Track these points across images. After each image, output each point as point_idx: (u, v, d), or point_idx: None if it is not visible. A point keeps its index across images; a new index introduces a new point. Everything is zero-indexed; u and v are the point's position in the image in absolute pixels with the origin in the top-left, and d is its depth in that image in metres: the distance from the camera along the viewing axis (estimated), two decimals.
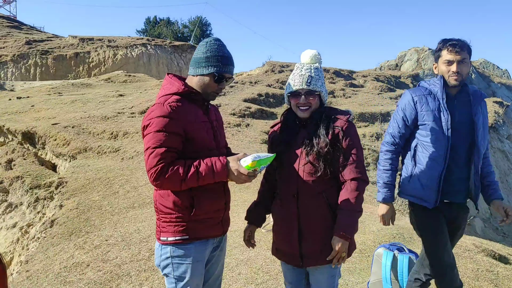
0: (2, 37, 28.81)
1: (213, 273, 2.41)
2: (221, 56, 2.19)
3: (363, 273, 3.98)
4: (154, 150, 2.07)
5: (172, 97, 2.18)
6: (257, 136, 10.56)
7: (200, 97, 2.25)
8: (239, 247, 4.53)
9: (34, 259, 4.76)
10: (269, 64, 21.32)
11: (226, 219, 2.40)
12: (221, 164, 2.10)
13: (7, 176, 8.80)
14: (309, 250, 2.29)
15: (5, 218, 7.96)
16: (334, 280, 2.36)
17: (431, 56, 22.23)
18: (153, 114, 2.12)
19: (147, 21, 44.10)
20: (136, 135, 9.93)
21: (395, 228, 5.09)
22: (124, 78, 20.60)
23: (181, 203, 2.18)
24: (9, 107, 13.58)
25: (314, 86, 2.29)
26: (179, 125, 2.11)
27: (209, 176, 2.09)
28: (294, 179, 2.29)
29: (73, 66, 26.15)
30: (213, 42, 2.22)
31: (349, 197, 2.21)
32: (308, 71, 2.31)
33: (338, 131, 2.27)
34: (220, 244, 2.41)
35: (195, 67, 2.23)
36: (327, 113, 2.35)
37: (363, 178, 2.27)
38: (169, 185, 2.10)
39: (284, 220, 2.35)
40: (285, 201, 2.35)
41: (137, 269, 4.21)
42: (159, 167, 2.05)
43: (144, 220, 5.62)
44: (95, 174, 7.77)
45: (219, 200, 2.28)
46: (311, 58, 2.37)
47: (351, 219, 2.20)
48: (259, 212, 2.57)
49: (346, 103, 15.89)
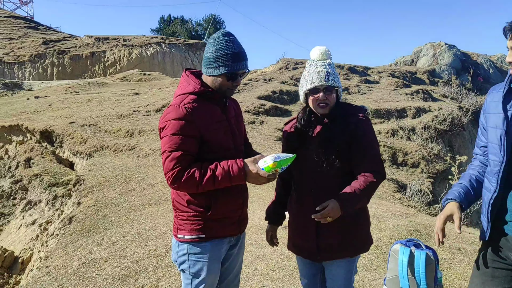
0: (19, 38, 29.31)
1: (231, 270, 2.42)
2: (231, 54, 2.11)
3: (380, 270, 3.96)
4: (170, 154, 2.07)
5: (188, 97, 2.15)
6: (271, 133, 10.55)
7: (217, 95, 2.22)
8: (255, 243, 4.54)
9: (53, 255, 4.84)
10: (283, 61, 21.25)
11: (244, 217, 2.39)
12: (238, 168, 2.08)
13: (26, 174, 8.97)
14: (326, 244, 2.29)
15: (24, 215, 8.12)
16: (351, 274, 2.36)
17: (448, 51, 21.91)
18: (168, 116, 2.11)
19: (162, 19, 44.31)
20: (152, 133, 10.01)
21: (411, 225, 5.05)
22: (139, 76, 20.77)
23: (197, 203, 2.19)
24: (27, 107, 13.82)
25: (332, 81, 2.28)
26: (195, 128, 2.10)
27: (225, 180, 2.08)
28: (311, 174, 2.30)
29: (89, 66, 26.49)
30: (221, 38, 2.14)
31: (361, 181, 2.21)
32: (324, 67, 2.29)
33: (355, 126, 2.27)
34: (238, 242, 2.41)
35: (207, 67, 2.19)
36: (344, 109, 2.35)
37: (380, 171, 2.28)
38: (186, 188, 2.11)
39: (301, 215, 2.35)
40: (301, 196, 2.36)
41: (154, 265, 4.26)
42: (175, 171, 2.06)
43: (160, 217, 5.67)
44: (112, 172, 7.86)
45: (236, 199, 2.27)
46: (322, 55, 2.34)
47: (354, 197, 2.18)
48: (278, 211, 2.59)
49: (361, 100, 15.76)
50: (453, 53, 21.74)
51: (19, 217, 8.21)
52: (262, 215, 2.62)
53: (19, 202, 8.67)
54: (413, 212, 6.11)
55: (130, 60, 27.13)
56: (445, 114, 14.12)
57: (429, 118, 13.89)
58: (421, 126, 13.14)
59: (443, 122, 13.65)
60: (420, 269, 3.28)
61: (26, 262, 6.45)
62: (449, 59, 21.56)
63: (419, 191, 8.97)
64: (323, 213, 2.14)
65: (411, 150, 11.81)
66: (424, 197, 8.70)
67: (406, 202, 8.09)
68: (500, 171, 1.92)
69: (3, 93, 18.10)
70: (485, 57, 23.47)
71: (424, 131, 12.91)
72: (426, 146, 12.17)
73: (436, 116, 14.07)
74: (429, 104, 15.57)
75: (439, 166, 11.52)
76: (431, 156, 11.85)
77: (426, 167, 11.31)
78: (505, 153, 1.90)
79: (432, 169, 11.31)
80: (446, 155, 11.91)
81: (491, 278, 2.00)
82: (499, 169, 1.92)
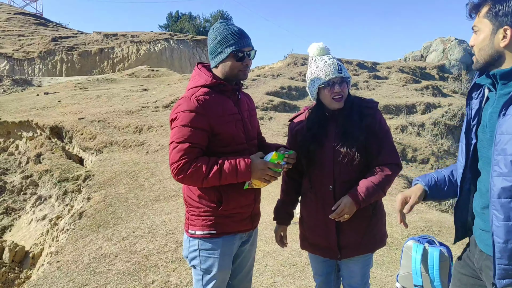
0: (29, 34, 29.49)
1: (244, 267, 2.39)
2: (232, 34, 2.11)
3: (392, 266, 3.93)
4: (178, 145, 2.05)
5: (200, 90, 2.13)
6: (280, 129, 10.51)
7: (229, 87, 2.19)
8: (265, 239, 4.53)
9: (64, 250, 4.87)
10: (291, 57, 21.18)
11: (256, 213, 2.36)
12: (245, 164, 2.05)
13: (37, 170, 9.04)
14: (348, 241, 2.25)
15: (35, 211, 8.18)
16: (368, 269, 2.33)
17: (458, 46, 21.68)
18: (180, 108, 2.09)
19: (169, 16, 44.37)
20: (160, 129, 10.03)
21: (423, 221, 5.00)
22: (147, 72, 20.81)
23: (208, 198, 2.16)
24: (37, 103, 13.91)
25: (345, 73, 2.23)
26: (205, 120, 2.07)
27: (231, 176, 2.05)
28: (330, 171, 2.24)
29: (97, 62, 26.59)
30: (218, 25, 2.16)
31: (379, 174, 2.19)
32: (332, 60, 2.23)
33: (371, 118, 2.24)
34: (250, 238, 2.38)
35: (213, 56, 2.18)
36: (357, 102, 2.31)
37: (397, 162, 2.26)
38: (190, 181, 2.08)
39: (320, 213, 2.29)
40: (320, 194, 2.28)
41: (164, 260, 4.26)
42: (181, 163, 2.03)
43: (170, 212, 5.67)
44: (121, 167, 7.89)
45: (247, 195, 2.23)
46: (321, 50, 2.28)
47: (371, 189, 2.15)
48: (287, 211, 2.53)
49: (370, 95, 15.66)
50: (463, 48, 21.50)
51: (30, 212, 8.28)
52: (271, 211, 2.58)
53: (30, 197, 8.75)
54: (423, 208, 6.05)
55: (139, 56, 27.20)
56: (455, 110, 13.98)
57: (439, 113, 13.77)
58: (431, 122, 13.03)
59: (453, 118, 13.52)
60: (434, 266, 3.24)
61: (37, 257, 6.49)
62: (459, 54, 21.33)
63: None
64: (337, 211, 2.12)
65: (420, 146, 11.72)
66: None
67: None
68: (462, 175, 1.78)
69: (13, 89, 18.24)
70: None
71: (433, 127, 12.81)
72: (436, 142, 12.07)
73: (446, 111, 13.94)
74: (438, 100, 15.43)
75: (449, 162, 11.42)
76: (441, 152, 11.75)
77: (436, 163, 11.22)
78: (464, 156, 1.75)
79: (442, 165, 11.21)
80: (456, 150, 11.81)
81: (459, 284, 1.90)
82: (461, 172, 1.78)
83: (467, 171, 1.76)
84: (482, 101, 1.71)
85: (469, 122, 1.72)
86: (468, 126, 1.73)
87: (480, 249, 1.71)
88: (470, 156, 1.74)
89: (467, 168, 1.75)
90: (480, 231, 1.71)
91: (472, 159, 1.74)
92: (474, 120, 1.71)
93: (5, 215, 8.40)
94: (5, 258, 6.52)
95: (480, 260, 1.72)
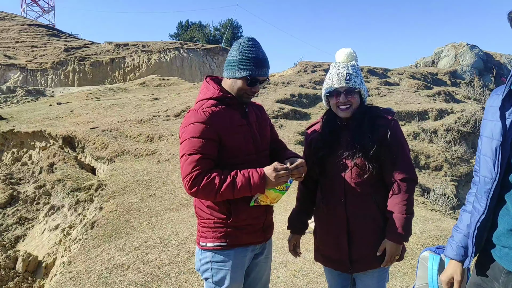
0: (42, 45, 29.92)
1: (259, 280, 2.36)
2: (255, 59, 2.10)
3: (407, 277, 3.85)
4: (189, 157, 2.03)
5: (207, 102, 2.15)
6: (291, 137, 10.47)
7: (236, 100, 2.20)
8: (277, 249, 4.48)
9: (76, 261, 4.87)
10: (301, 64, 21.17)
11: (269, 225, 2.33)
12: (258, 176, 2.02)
13: (49, 180, 9.10)
14: (359, 255, 2.20)
15: (48, 220, 8.22)
16: (383, 284, 2.28)
17: (470, 52, 21.49)
18: (187, 120, 2.10)
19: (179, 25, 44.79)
20: (172, 138, 10.05)
21: (438, 230, 4.92)
22: (158, 82, 20.95)
23: (218, 209, 2.15)
24: (50, 113, 14.06)
25: (354, 83, 2.20)
26: (214, 131, 2.06)
27: (245, 188, 2.02)
28: (341, 182, 2.20)
29: (109, 72, 26.86)
30: (246, 43, 2.14)
31: (400, 199, 2.13)
32: (345, 68, 2.22)
33: (384, 129, 2.18)
34: (263, 250, 2.34)
35: (228, 70, 2.18)
36: (370, 112, 2.26)
37: (412, 177, 2.19)
38: (204, 194, 2.05)
39: (332, 225, 2.26)
40: (332, 206, 2.25)
41: (176, 271, 4.23)
42: (193, 175, 2.01)
43: (182, 222, 5.66)
44: (133, 176, 7.91)
45: (258, 206, 2.20)
46: (347, 56, 2.27)
47: (405, 222, 2.12)
48: (302, 220, 2.49)
49: (382, 102, 15.55)
50: (475, 54, 21.32)
51: (43, 221, 8.32)
52: (284, 220, 2.55)
53: (43, 207, 8.80)
54: (438, 217, 5.96)
55: (149, 66, 27.42)
56: (468, 116, 13.81)
57: (452, 120, 13.61)
58: (444, 128, 12.88)
59: (466, 124, 13.35)
60: None
61: (49, 267, 6.51)
62: (471, 59, 21.15)
63: (443, 194, 8.78)
64: (386, 259, 2.14)
65: (433, 152, 11.58)
66: (448, 201, 8.51)
67: (430, 206, 7.90)
68: (491, 190, 1.62)
69: (27, 99, 18.48)
70: (508, 57, 22.93)
71: (446, 133, 12.66)
72: (449, 149, 11.92)
73: (459, 117, 13.77)
74: (451, 106, 15.26)
75: (463, 168, 11.27)
76: (455, 159, 11.60)
77: (449, 170, 11.07)
78: (499, 169, 1.60)
79: (455, 172, 11.06)
80: (470, 157, 11.65)
81: None
82: (490, 188, 1.63)
83: (497, 185, 1.61)
84: None
85: (505, 133, 1.58)
86: (504, 137, 1.59)
87: (509, 271, 1.59)
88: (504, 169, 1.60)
89: (498, 182, 1.61)
90: (508, 251, 1.59)
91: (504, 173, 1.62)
92: (510, 131, 1.59)
93: (19, 225, 8.45)
94: (19, 268, 6.56)
95: (510, 282, 1.59)
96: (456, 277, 1.80)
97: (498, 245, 1.64)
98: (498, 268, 1.64)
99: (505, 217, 1.62)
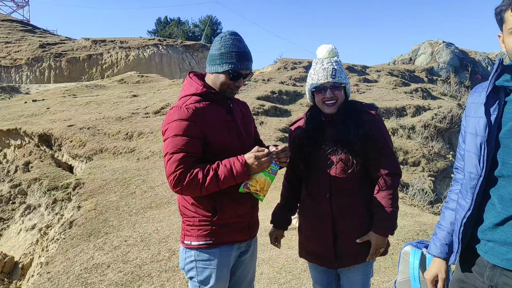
0: (16, 41, 29.15)
1: (244, 279, 2.34)
2: (237, 52, 2.07)
3: (388, 272, 3.89)
4: (172, 156, 2.00)
5: (191, 98, 2.11)
6: (271, 134, 10.47)
7: (220, 96, 2.17)
8: (260, 246, 4.44)
9: (54, 261, 4.76)
10: (282, 61, 21.19)
11: (254, 222, 2.31)
12: (240, 163, 2.00)
13: (25, 178, 8.88)
14: (345, 251, 2.21)
15: (24, 220, 8.03)
16: (368, 279, 2.29)
17: (446, 49, 21.88)
18: (170, 118, 2.06)
19: (158, 21, 44.17)
20: (151, 135, 9.93)
21: (417, 225, 4.99)
22: (137, 78, 20.66)
23: (203, 207, 2.11)
24: (25, 110, 13.71)
25: (339, 78, 2.20)
26: (197, 128, 2.03)
27: (229, 179, 2.00)
28: (326, 178, 2.19)
29: (86, 68, 26.34)
30: (228, 37, 2.11)
31: (386, 193, 2.15)
32: (330, 64, 2.21)
33: (369, 125, 2.18)
34: (249, 248, 2.32)
35: (211, 64, 2.15)
36: (354, 107, 2.26)
37: (398, 172, 2.22)
38: (190, 191, 2.03)
39: (317, 221, 2.25)
40: (317, 202, 2.25)
41: (158, 270, 4.18)
42: (177, 174, 1.98)
43: (162, 220, 5.59)
44: (112, 174, 7.78)
45: (244, 203, 2.18)
46: (329, 52, 2.26)
47: (390, 216, 2.14)
48: (285, 215, 2.49)
49: (360, 99, 15.66)
50: (451, 51, 21.72)
51: (19, 221, 8.12)
52: (267, 217, 2.54)
53: (19, 206, 8.58)
54: (417, 212, 6.05)
55: (128, 62, 27.01)
56: (445, 112, 14.09)
57: (429, 116, 13.86)
58: (421, 125, 13.11)
59: (443, 120, 13.61)
60: None
61: (26, 268, 6.36)
62: (447, 57, 21.54)
63: (421, 189, 8.92)
64: (371, 252, 2.15)
65: (411, 148, 11.76)
66: (426, 195, 8.65)
67: (409, 201, 8.02)
68: (477, 185, 1.63)
69: (1, 97, 17.99)
70: (483, 55, 23.45)
71: (424, 129, 12.88)
72: (426, 145, 12.12)
73: (436, 114, 14.04)
74: (428, 102, 15.53)
75: (439, 164, 11.48)
76: (432, 155, 11.81)
77: (427, 166, 11.27)
78: (485, 165, 1.60)
79: (433, 167, 11.27)
80: (447, 153, 11.87)
81: None
82: (476, 183, 1.63)
83: (483, 181, 1.62)
84: (501, 106, 1.60)
85: (490, 129, 1.59)
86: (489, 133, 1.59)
87: (494, 264, 1.59)
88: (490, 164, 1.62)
89: (484, 178, 1.62)
90: (493, 245, 1.60)
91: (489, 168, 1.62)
92: (495, 126, 1.59)
93: None
94: None
95: (494, 276, 1.60)
96: (441, 275, 1.83)
97: (483, 239, 1.65)
98: (483, 263, 1.65)
99: (490, 212, 1.63)
